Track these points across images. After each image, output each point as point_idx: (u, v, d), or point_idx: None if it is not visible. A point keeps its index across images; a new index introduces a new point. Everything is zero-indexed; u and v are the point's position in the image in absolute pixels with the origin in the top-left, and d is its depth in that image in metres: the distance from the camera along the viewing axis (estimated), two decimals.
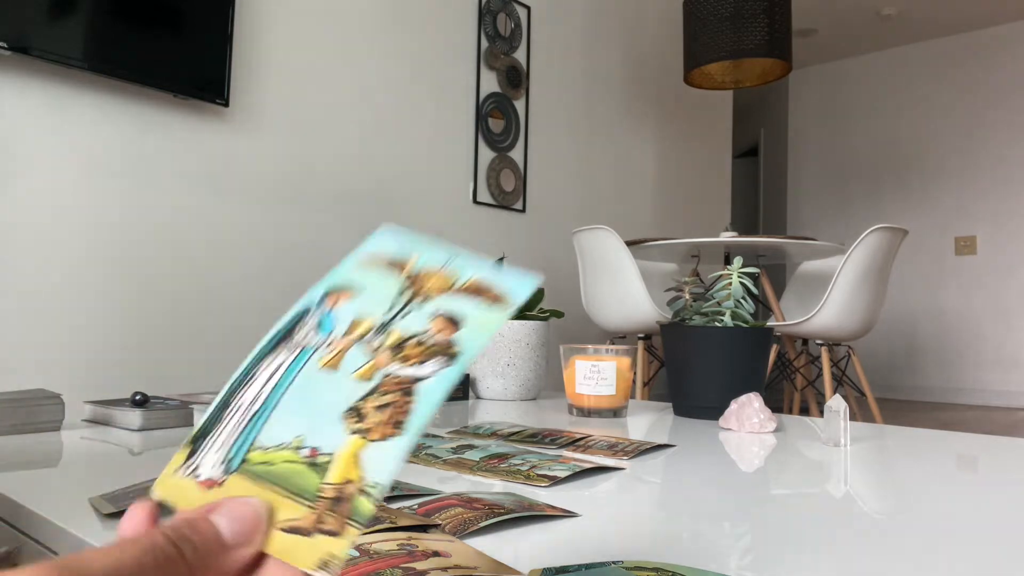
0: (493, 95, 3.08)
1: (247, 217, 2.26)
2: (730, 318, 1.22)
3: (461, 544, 0.47)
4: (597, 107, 3.67)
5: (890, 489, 0.72)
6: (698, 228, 4.40)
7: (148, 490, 0.59)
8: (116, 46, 1.90)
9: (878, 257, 2.77)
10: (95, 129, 1.95)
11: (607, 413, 1.23)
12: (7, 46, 1.71)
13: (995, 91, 5.26)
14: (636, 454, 0.86)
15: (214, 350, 2.17)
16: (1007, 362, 5.10)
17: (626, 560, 0.46)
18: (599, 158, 3.67)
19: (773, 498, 0.66)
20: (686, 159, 4.32)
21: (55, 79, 1.88)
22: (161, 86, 2.00)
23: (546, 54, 3.37)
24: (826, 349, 2.89)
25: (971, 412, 4.61)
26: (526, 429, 1.01)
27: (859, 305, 2.77)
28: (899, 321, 5.56)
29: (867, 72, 5.85)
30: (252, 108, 2.28)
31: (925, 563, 0.48)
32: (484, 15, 3.05)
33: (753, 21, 3.09)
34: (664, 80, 4.14)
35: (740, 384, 1.20)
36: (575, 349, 1.27)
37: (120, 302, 1.98)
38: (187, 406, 1.07)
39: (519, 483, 0.69)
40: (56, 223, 1.88)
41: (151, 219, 2.05)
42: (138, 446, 0.90)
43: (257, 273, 2.28)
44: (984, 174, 5.26)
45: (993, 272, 5.18)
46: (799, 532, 0.55)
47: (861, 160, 5.84)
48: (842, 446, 0.95)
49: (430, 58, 2.84)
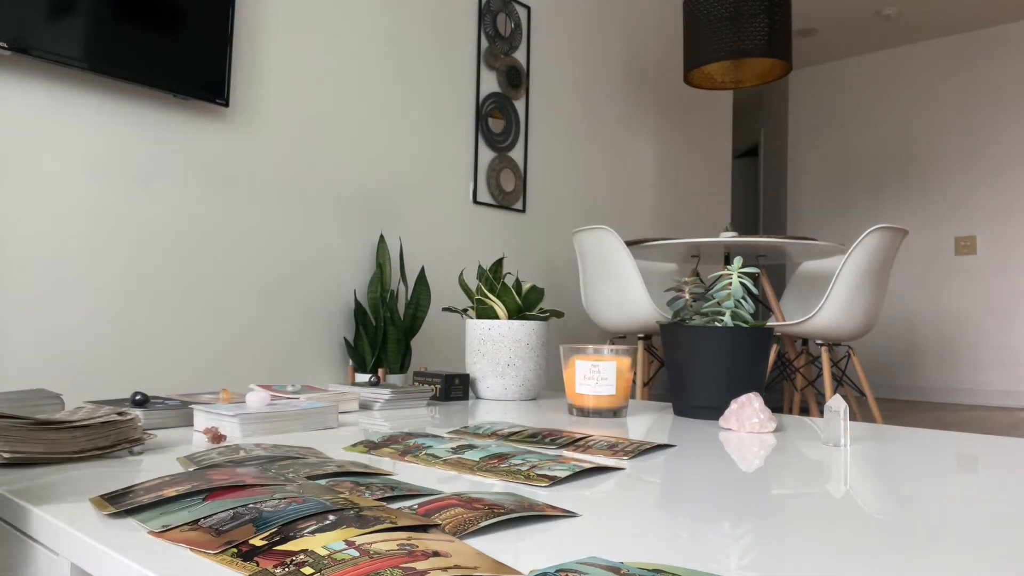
0: (493, 95, 3.08)
1: (247, 217, 2.26)
2: (730, 318, 1.22)
3: (461, 544, 0.47)
4: (597, 107, 3.67)
5: (890, 489, 0.72)
6: (698, 228, 4.40)
7: (149, 490, 0.59)
8: (116, 46, 1.90)
9: (878, 257, 2.77)
10: (95, 129, 1.95)
11: (607, 413, 1.23)
12: (7, 46, 1.71)
13: (995, 91, 5.26)
14: (636, 454, 0.86)
15: (214, 350, 2.17)
16: (1007, 362, 5.10)
17: (626, 560, 0.46)
18: (599, 158, 3.67)
19: (773, 498, 0.66)
20: (686, 159, 4.32)
21: (55, 79, 1.88)
22: (161, 86, 2.00)
23: (546, 54, 3.37)
24: (826, 349, 2.89)
25: (971, 412, 4.61)
26: (526, 429, 1.01)
27: (859, 305, 2.77)
28: (899, 321, 5.56)
29: (867, 72, 5.86)
30: (252, 108, 2.28)
31: (925, 563, 0.48)
32: (484, 15, 3.05)
33: (753, 21, 3.09)
34: (664, 80, 4.14)
35: (740, 384, 1.20)
36: (575, 349, 1.27)
37: (120, 302, 1.98)
38: (187, 406, 1.07)
39: (519, 483, 0.69)
40: (56, 223, 1.88)
41: (151, 219, 2.05)
42: (138, 446, 0.90)
43: (257, 273, 2.28)
44: (984, 174, 5.26)
45: (993, 272, 5.18)
46: (799, 532, 0.55)
47: (861, 160, 5.84)
48: (842, 446, 0.95)
49: (430, 58, 2.84)
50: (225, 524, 0.50)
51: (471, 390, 1.58)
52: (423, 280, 2.51)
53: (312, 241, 2.43)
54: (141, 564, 0.45)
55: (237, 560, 0.44)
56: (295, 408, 1.05)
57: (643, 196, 3.98)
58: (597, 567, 0.43)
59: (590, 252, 2.94)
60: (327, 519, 0.49)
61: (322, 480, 0.65)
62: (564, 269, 3.42)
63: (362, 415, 1.23)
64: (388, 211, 2.67)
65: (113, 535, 0.50)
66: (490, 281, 1.65)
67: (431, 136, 2.83)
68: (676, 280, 1.34)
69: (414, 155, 2.77)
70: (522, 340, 1.54)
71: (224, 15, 2.13)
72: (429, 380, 1.50)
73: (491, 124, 3.07)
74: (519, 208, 3.19)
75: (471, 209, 2.99)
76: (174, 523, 0.51)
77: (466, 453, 0.81)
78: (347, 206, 2.54)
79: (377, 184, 2.64)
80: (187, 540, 0.48)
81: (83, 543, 0.50)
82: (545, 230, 3.34)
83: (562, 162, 3.44)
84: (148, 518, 0.53)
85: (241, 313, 2.24)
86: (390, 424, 1.12)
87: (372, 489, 0.62)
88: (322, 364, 2.45)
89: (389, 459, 0.81)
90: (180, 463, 0.76)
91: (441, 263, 2.86)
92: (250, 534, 0.47)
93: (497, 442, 0.91)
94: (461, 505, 0.56)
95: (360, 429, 1.06)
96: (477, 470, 0.74)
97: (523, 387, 1.55)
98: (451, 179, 2.91)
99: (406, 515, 0.52)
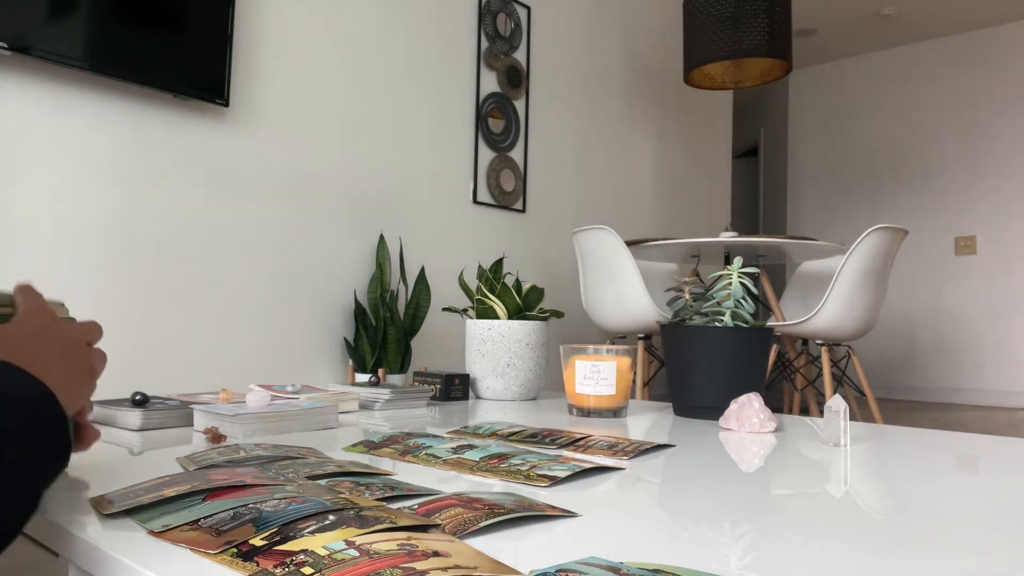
0: (493, 95, 3.08)
1: (247, 217, 2.26)
2: (730, 318, 1.22)
3: (461, 544, 0.47)
4: (597, 107, 3.67)
5: (890, 489, 0.72)
6: (698, 228, 4.40)
7: (149, 490, 0.59)
8: (116, 46, 1.90)
9: (878, 257, 2.77)
10: (95, 129, 1.95)
11: (607, 413, 1.23)
12: (7, 46, 1.71)
13: (995, 91, 5.26)
14: (636, 454, 0.86)
15: (214, 350, 2.17)
16: (1007, 362, 5.10)
17: (626, 560, 0.46)
18: (599, 158, 3.67)
19: (773, 498, 0.66)
20: (686, 159, 4.32)
21: (55, 79, 1.88)
22: (161, 86, 2.00)
23: (546, 54, 3.37)
24: (826, 349, 2.89)
25: (971, 412, 4.61)
26: (526, 429, 1.01)
27: (859, 305, 2.77)
28: (899, 321, 5.57)
29: (867, 72, 5.86)
30: (252, 108, 2.28)
31: (925, 563, 0.48)
32: (484, 15, 3.05)
33: (753, 21, 3.09)
34: (664, 80, 4.14)
35: (740, 384, 1.20)
36: (575, 349, 1.27)
37: (120, 301, 1.98)
38: (187, 406, 1.07)
39: (519, 483, 0.69)
40: (56, 223, 1.88)
41: (151, 219, 2.05)
42: (138, 446, 0.90)
43: (257, 273, 2.28)
44: (984, 174, 5.26)
45: (993, 272, 5.18)
46: (799, 532, 0.55)
47: (861, 160, 5.84)
48: (842, 446, 0.95)
49: (430, 58, 2.84)
50: (225, 524, 0.50)
51: (471, 390, 1.58)
52: (423, 280, 2.51)
53: (312, 241, 2.43)
54: (141, 564, 0.45)
55: (237, 560, 0.44)
56: (295, 408, 1.05)
57: (643, 196, 3.98)
58: (597, 567, 0.43)
59: (590, 252, 2.94)
60: (327, 519, 0.49)
61: (322, 480, 0.65)
62: (564, 269, 3.42)
63: (362, 415, 1.23)
64: (388, 211, 2.67)
65: (113, 535, 0.50)
66: (490, 281, 1.65)
67: (431, 136, 2.83)
68: (676, 280, 1.34)
69: (414, 155, 2.77)
70: (522, 340, 1.54)
71: (224, 15, 2.13)
72: (429, 380, 1.50)
73: (491, 124, 3.07)
74: (519, 208, 3.19)
75: (471, 209, 2.99)
76: (174, 523, 0.51)
77: (466, 453, 0.81)
78: (347, 206, 2.54)
79: (377, 184, 2.64)
80: (187, 540, 0.48)
81: (83, 543, 0.50)
82: (545, 230, 3.34)
83: (562, 162, 3.44)
84: (148, 518, 0.53)
85: (241, 313, 2.24)
86: (390, 424, 1.12)
87: (372, 489, 0.62)
88: (322, 364, 2.45)
89: (389, 459, 0.81)
90: (180, 463, 0.76)
91: (441, 263, 2.85)
92: (250, 534, 0.47)
93: (497, 442, 0.91)
94: (461, 505, 0.56)
95: (360, 429, 1.06)
96: (477, 470, 0.74)
97: (523, 387, 1.55)
98: (451, 179, 2.91)
99: (406, 515, 0.52)
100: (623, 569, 0.42)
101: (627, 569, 0.42)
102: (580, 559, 0.45)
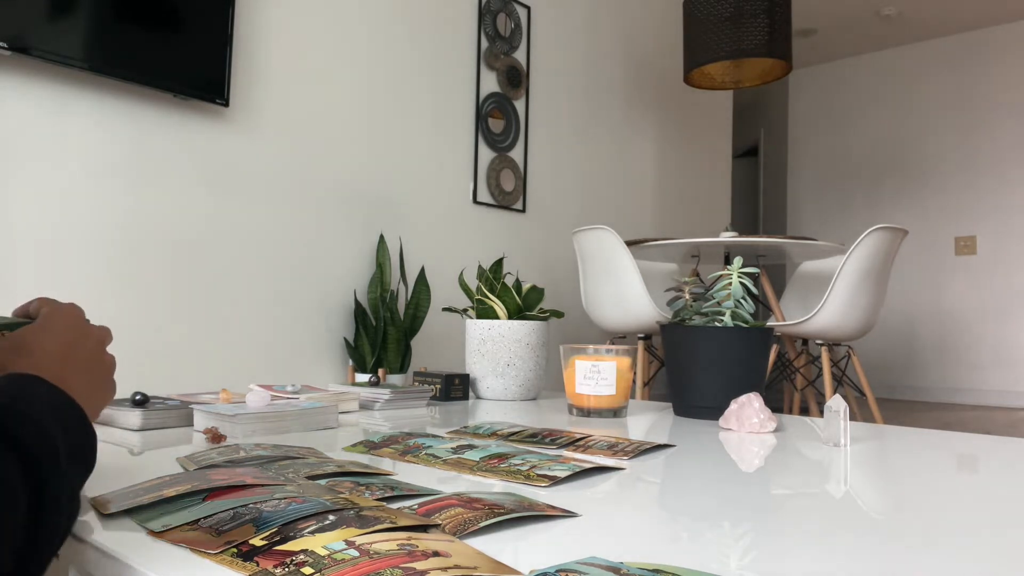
0: (493, 95, 3.08)
1: (247, 217, 2.26)
2: (730, 318, 1.22)
3: (461, 544, 0.47)
4: (597, 107, 3.67)
5: (890, 489, 0.72)
6: (698, 228, 4.40)
7: (149, 490, 0.59)
8: (116, 46, 1.90)
9: (878, 257, 2.77)
10: (95, 129, 1.95)
11: (607, 413, 1.23)
12: (7, 46, 1.71)
13: (995, 91, 5.26)
14: (636, 454, 0.86)
15: (214, 350, 2.17)
16: (1007, 362, 5.10)
17: (626, 560, 0.46)
18: (599, 158, 3.67)
19: (773, 498, 0.66)
20: (686, 159, 4.32)
21: (55, 79, 1.88)
22: (161, 86, 2.00)
23: (546, 54, 3.37)
24: (826, 349, 2.89)
25: (971, 412, 4.61)
26: (526, 429, 1.01)
27: (859, 305, 2.77)
28: (899, 321, 5.56)
29: (867, 72, 5.85)
30: (252, 108, 2.28)
31: (925, 563, 0.48)
32: (484, 15, 3.05)
33: (753, 21, 3.09)
34: (664, 80, 4.14)
35: (740, 384, 1.20)
36: (575, 349, 1.27)
37: (120, 301, 1.98)
38: (187, 406, 1.07)
39: (519, 483, 0.69)
40: (56, 223, 1.88)
41: (151, 219, 2.05)
42: (138, 446, 0.90)
43: (257, 273, 2.28)
44: (984, 174, 5.26)
45: (993, 272, 5.18)
46: (799, 532, 0.55)
47: (861, 160, 5.84)
48: (842, 446, 0.95)
49: (430, 58, 2.84)
50: (225, 524, 0.50)
51: (471, 390, 1.58)
52: (423, 280, 2.51)
53: (312, 241, 2.43)
54: (141, 564, 0.45)
55: (237, 560, 0.44)
56: (295, 408, 1.05)
57: (643, 196, 3.98)
58: (597, 567, 0.43)
59: (590, 252, 2.94)
60: (327, 519, 0.49)
61: (322, 480, 0.65)
62: (564, 269, 3.42)
63: (362, 415, 1.23)
64: (388, 211, 2.67)
65: (113, 535, 0.50)
66: (490, 281, 1.65)
67: (431, 136, 2.83)
68: (676, 280, 1.34)
69: (414, 155, 2.77)
70: (522, 340, 1.54)
71: (224, 15, 2.13)
72: (429, 380, 1.50)
73: (491, 124, 3.07)
74: (519, 208, 3.19)
75: (471, 209, 2.99)
76: (174, 523, 0.51)
77: (466, 453, 0.81)
78: (347, 206, 2.54)
79: (377, 184, 2.64)
80: (187, 540, 0.48)
81: (83, 543, 0.50)
82: (545, 230, 3.34)
83: (562, 162, 3.44)
84: (148, 518, 0.53)
85: (241, 313, 2.24)
86: (390, 424, 1.12)
87: (372, 489, 0.62)
88: (322, 364, 2.45)
89: (389, 459, 0.81)
90: (180, 463, 0.76)
91: (441, 263, 2.85)
92: (250, 534, 0.47)
93: (497, 442, 0.91)
94: (461, 505, 0.56)
95: (360, 429, 1.06)
96: (477, 470, 0.74)
97: (523, 387, 1.55)
98: (451, 179, 2.91)
99: (406, 515, 0.52)
100: (623, 569, 0.42)
101: (627, 569, 0.42)
102: (580, 559, 0.45)
